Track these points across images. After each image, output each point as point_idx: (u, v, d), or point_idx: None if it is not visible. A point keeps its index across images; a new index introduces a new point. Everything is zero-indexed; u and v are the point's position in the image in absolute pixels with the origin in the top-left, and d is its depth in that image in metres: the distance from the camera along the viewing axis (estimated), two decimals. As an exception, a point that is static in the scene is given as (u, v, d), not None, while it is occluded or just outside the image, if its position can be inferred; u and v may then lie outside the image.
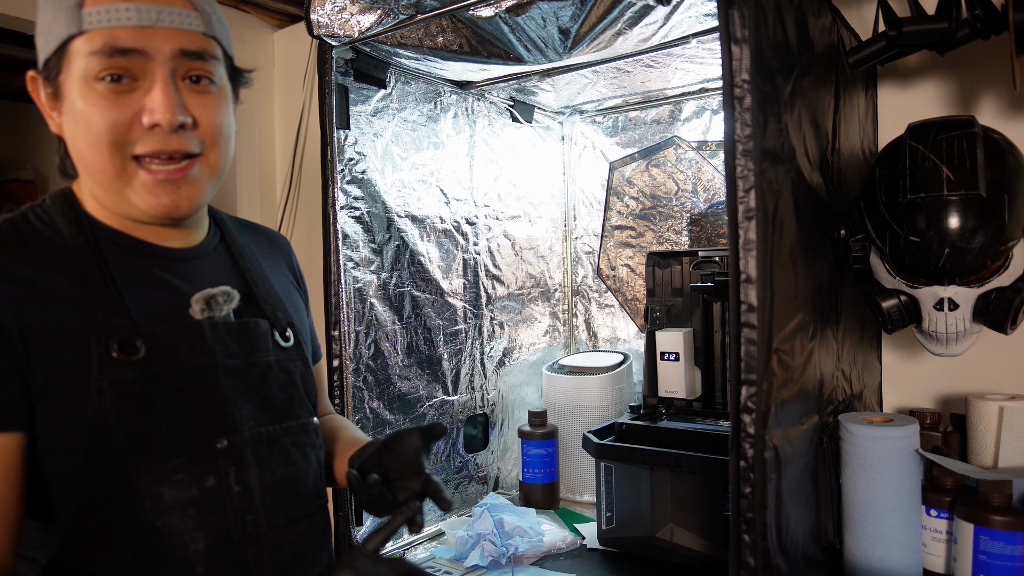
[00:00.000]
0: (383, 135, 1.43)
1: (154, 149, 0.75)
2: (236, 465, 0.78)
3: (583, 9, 1.20)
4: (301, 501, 0.85)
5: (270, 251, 0.99)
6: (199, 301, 0.81)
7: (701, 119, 1.74)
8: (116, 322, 0.74)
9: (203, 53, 0.78)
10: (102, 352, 0.72)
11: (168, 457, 0.74)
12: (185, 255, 0.85)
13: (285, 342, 0.89)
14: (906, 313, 1.09)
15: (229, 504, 0.77)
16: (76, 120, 0.75)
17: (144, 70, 0.75)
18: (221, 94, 0.81)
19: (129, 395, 0.73)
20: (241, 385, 0.81)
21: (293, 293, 0.98)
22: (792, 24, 0.93)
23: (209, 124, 0.79)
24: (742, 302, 0.83)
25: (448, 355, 1.58)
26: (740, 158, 0.83)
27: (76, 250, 0.76)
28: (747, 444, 0.83)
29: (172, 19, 0.75)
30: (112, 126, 0.74)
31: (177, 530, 0.73)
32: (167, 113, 0.74)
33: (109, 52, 0.73)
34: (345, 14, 1.25)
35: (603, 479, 1.35)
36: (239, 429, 0.79)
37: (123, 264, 0.79)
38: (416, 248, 1.51)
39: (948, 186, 0.98)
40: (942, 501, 1.04)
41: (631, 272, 1.87)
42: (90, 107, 0.74)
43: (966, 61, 1.29)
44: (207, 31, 0.78)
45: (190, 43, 0.77)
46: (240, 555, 0.77)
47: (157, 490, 0.73)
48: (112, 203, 0.79)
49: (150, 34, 0.74)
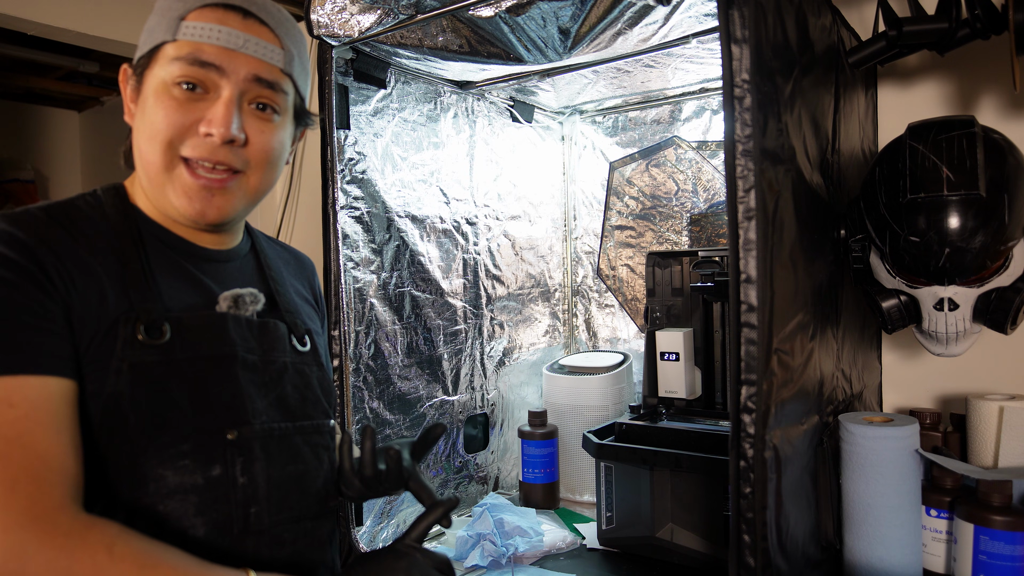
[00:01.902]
0: (383, 135, 1.43)
1: (202, 155, 0.80)
2: (244, 457, 0.79)
3: (583, 9, 1.20)
4: (308, 500, 0.86)
5: (296, 269, 1.03)
6: (227, 299, 0.84)
7: (701, 119, 1.74)
8: (147, 306, 0.77)
9: (275, 84, 0.84)
10: (128, 333, 0.75)
11: (176, 442, 0.75)
12: (218, 256, 0.89)
13: (302, 347, 0.92)
14: (906, 313, 1.09)
15: (232, 495, 0.78)
16: (145, 115, 0.81)
17: (217, 85, 0.80)
18: (281, 125, 0.86)
19: (147, 378, 0.75)
20: (257, 380, 0.83)
21: (311, 310, 1.02)
22: (792, 24, 0.93)
23: (260, 147, 0.84)
24: (742, 302, 0.83)
25: (448, 355, 1.58)
26: (740, 158, 0.83)
27: (119, 236, 0.80)
28: (747, 444, 0.83)
29: (256, 49, 0.82)
30: (171, 125, 0.79)
31: (177, 515, 0.75)
32: (222, 127, 0.79)
33: (191, 60, 0.79)
34: (345, 14, 1.25)
35: (603, 479, 1.35)
36: (250, 422, 0.81)
37: (160, 256, 0.83)
38: (416, 248, 1.51)
39: (948, 186, 0.98)
40: (942, 501, 1.04)
41: (631, 272, 1.87)
42: (159, 105, 0.79)
43: (966, 61, 1.29)
44: (284, 68, 0.84)
45: (266, 73, 0.83)
46: (240, 546, 0.78)
47: (161, 473, 0.74)
48: (155, 197, 0.84)
49: (232, 56, 0.80)
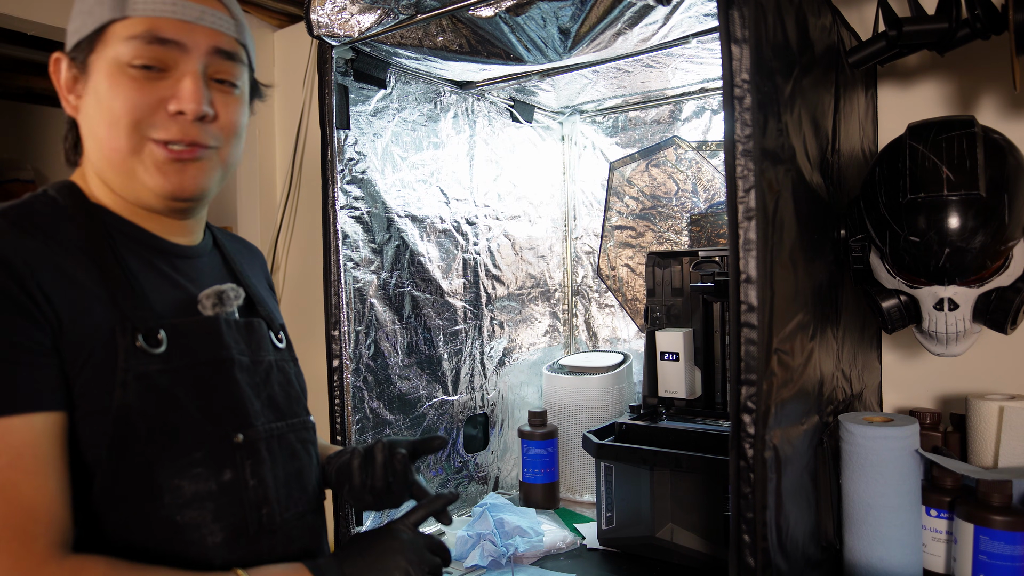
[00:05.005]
0: (383, 135, 1.43)
1: (174, 136, 0.77)
2: (252, 459, 0.79)
3: (583, 9, 1.20)
4: (308, 495, 0.87)
5: (249, 259, 1.02)
6: (210, 296, 0.82)
7: (701, 119, 1.74)
8: (139, 313, 0.74)
9: (234, 55, 0.82)
10: (128, 343, 0.72)
11: (188, 451, 0.75)
12: (188, 252, 0.87)
13: (279, 343, 0.92)
14: (906, 313, 1.09)
15: (245, 497, 0.78)
16: (99, 101, 0.76)
17: (177, 62, 0.77)
18: (242, 98, 0.85)
19: (153, 388, 0.73)
20: (251, 382, 0.83)
21: (274, 302, 1.01)
22: (792, 24, 0.93)
23: (228, 120, 0.82)
24: (742, 302, 0.83)
25: (448, 355, 1.58)
26: (740, 158, 0.83)
27: (89, 237, 0.76)
28: (747, 444, 0.83)
29: (212, 20, 0.79)
30: (135, 107, 0.75)
31: (196, 523, 0.74)
32: (194, 103, 0.77)
33: (149, 39, 0.75)
34: (345, 14, 1.25)
35: (603, 479, 1.35)
36: (254, 424, 0.81)
37: (134, 256, 0.80)
38: (416, 248, 1.51)
39: (948, 186, 0.98)
40: (942, 501, 1.04)
41: (631, 272, 1.87)
42: (116, 89, 0.75)
43: (966, 61, 1.29)
44: (239, 38, 0.83)
45: (225, 44, 0.80)
46: (256, 548, 0.78)
47: (177, 483, 0.73)
48: (121, 185, 0.80)
49: (191, 29, 0.77)
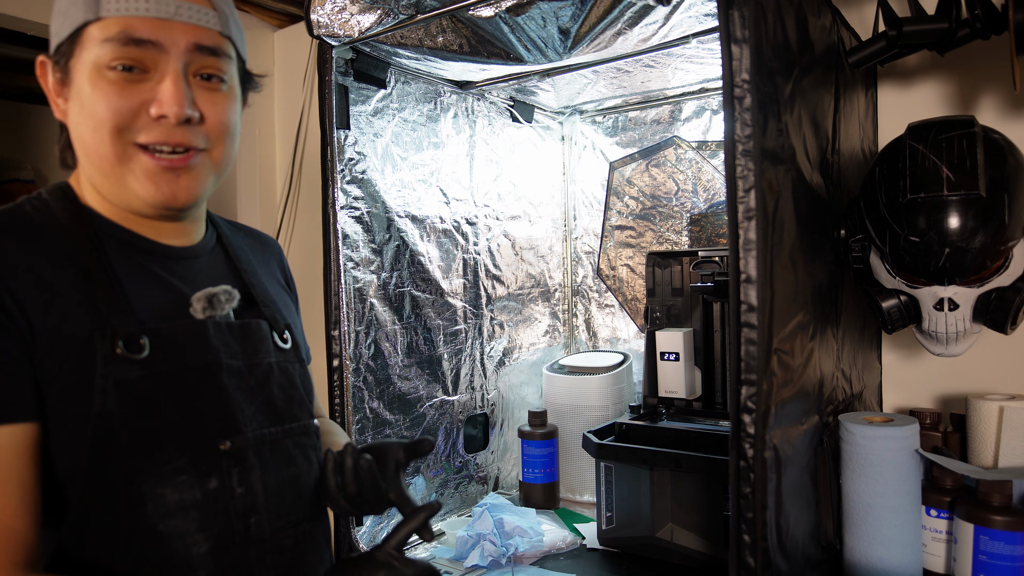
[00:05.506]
0: (383, 135, 1.43)
1: (158, 139, 0.75)
2: (239, 467, 0.77)
3: (583, 9, 1.20)
4: (304, 503, 0.85)
5: (263, 254, 0.99)
6: (200, 300, 0.80)
7: (701, 119, 1.74)
8: (121, 319, 0.73)
9: (217, 50, 0.78)
10: (107, 349, 0.70)
11: (171, 459, 0.73)
12: (184, 254, 0.84)
13: (284, 344, 0.88)
14: (906, 313, 1.09)
15: (232, 506, 0.76)
16: (82, 106, 0.74)
17: (156, 62, 0.74)
18: (231, 93, 0.81)
19: (134, 395, 0.71)
20: (244, 386, 0.81)
21: (285, 296, 0.98)
22: (792, 24, 0.93)
23: (216, 120, 0.79)
24: (742, 302, 0.83)
25: (448, 355, 1.58)
26: (740, 158, 0.83)
27: (76, 242, 0.75)
28: (747, 444, 0.83)
29: (190, 15, 0.75)
30: (117, 112, 0.73)
31: (179, 533, 0.72)
32: (175, 106, 0.74)
33: (124, 41, 0.73)
34: (345, 14, 1.25)
35: (603, 479, 1.35)
36: (242, 431, 0.78)
37: (123, 260, 0.78)
38: (416, 248, 1.51)
39: (948, 186, 0.98)
40: (942, 501, 1.04)
41: (631, 272, 1.87)
42: (97, 93, 0.73)
43: (966, 61, 1.29)
44: (223, 31, 0.79)
45: (206, 39, 0.77)
46: (243, 558, 0.76)
47: (160, 492, 0.72)
48: (112, 192, 0.78)
49: (167, 27, 0.74)
